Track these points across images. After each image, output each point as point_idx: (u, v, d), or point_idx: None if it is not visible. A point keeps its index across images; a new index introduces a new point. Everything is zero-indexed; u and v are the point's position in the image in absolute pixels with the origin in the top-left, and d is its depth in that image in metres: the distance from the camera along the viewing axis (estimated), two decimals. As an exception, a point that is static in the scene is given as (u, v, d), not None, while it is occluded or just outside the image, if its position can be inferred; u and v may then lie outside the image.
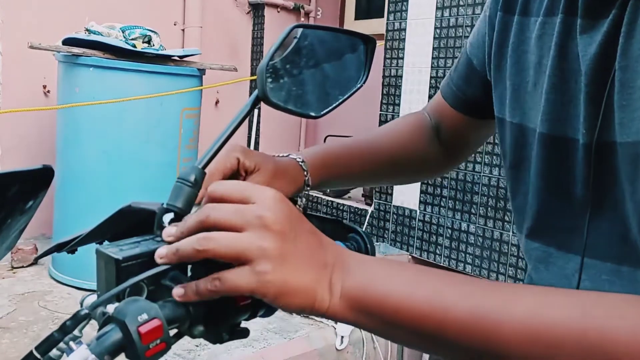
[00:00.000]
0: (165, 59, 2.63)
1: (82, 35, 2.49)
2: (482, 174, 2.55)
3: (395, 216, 2.93)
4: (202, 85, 2.76)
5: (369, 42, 0.68)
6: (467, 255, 2.60)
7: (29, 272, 2.71)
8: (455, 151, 0.90)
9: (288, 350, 2.23)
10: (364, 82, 0.68)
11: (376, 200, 3.03)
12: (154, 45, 2.59)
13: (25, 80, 2.97)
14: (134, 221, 0.55)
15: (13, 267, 2.70)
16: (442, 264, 2.71)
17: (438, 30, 2.72)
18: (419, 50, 2.81)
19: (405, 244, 2.88)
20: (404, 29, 2.88)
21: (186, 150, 2.69)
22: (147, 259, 0.50)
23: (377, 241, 3.00)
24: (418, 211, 2.82)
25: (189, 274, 0.51)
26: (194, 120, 2.75)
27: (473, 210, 2.59)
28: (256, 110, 3.89)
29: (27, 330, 2.15)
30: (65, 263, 2.57)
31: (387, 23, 2.96)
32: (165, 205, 0.54)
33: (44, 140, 2.98)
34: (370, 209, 3.07)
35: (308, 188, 0.74)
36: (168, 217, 0.53)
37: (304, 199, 0.73)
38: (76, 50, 2.40)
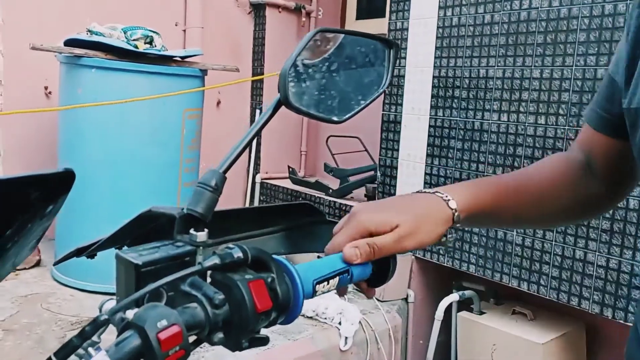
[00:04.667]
0: (167, 59, 2.62)
1: (84, 36, 2.48)
2: (485, 173, 2.54)
3: (398, 216, 2.92)
4: (203, 86, 2.76)
5: (391, 46, 0.67)
6: (471, 255, 2.59)
7: (31, 274, 2.71)
8: (613, 184, 0.83)
9: (292, 351, 2.22)
10: (386, 87, 0.68)
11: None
12: (155, 45, 2.58)
13: (27, 81, 2.96)
14: (153, 226, 0.55)
15: (15, 269, 2.69)
16: (445, 264, 2.70)
17: (441, 30, 2.71)
18: (421, 50, 2.80)
19: (409, 244, 2.87)
20: (406, 29, 2.86)
21: (188, 151, 2.68)
22: (166, 264, 0.49)
23: (380, 241, 2.99)
24: (421, 211, 2.81)
25: (209, 280, 0.51)
26: (196, 121, 2.74)
27: (477, 210, 2.58)
28: (258, 111, 3.88)
29: (30, 333, 2.14)
30: (67, 265, 2.56)
31: (389, 23, 2.95)
32: (185, 210, 0.54)
33: (46, 142, 2.97)
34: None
35: (458, 225, 0.69)
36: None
37: (453, 233, 0.70)
38: (78, 51, 2.40)
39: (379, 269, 0.66)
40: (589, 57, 2.19)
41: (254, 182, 3.89)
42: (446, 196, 0.69)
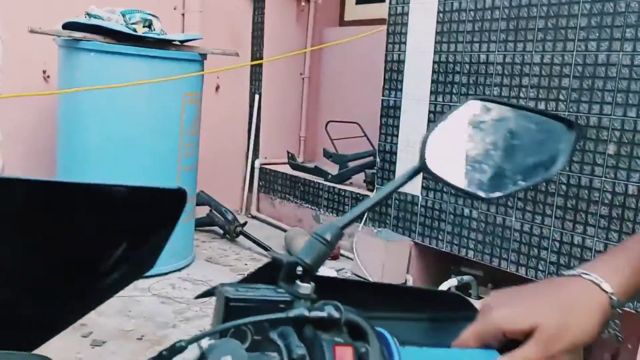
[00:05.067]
0: (166, 43, 2.60)
1: (83, 19, 2.47)
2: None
3: (397, 202, 2.93)
4: (203, 70, 2.75)
5: (572, 127, 0.59)
6: (470, 240, 2.60)
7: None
8: None
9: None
10: (559, 170, 0.61)
11: (378, 186, 3.03)
12: (154, 29, 2.57)
13: (25, 65, 2.95)
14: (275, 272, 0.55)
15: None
16: (444, 250, 2.71)
17: (441, 15, 2.69)
18: (421, 35, 2.79)
19: (408, 229, 2.88)
20: (407, 14, 2.85)
21: (188, 136, 2.68)
22: (259, 305, 0.49)
23: (379, 227, 3.00)
24: (420, 197, 2.82)
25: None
26: (196, 106, 2.73)
27: (476, 196, 2.59)
28: (257, 96, 3.87)
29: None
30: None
31: (389, 7, 2.93)
32: (298, 259, 0.53)
33: (45, 127, 2.96)
34: (372, 195, 3.06)
35: (619, 311, 0.57)
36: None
37: (613, 325, 0.61)
38: (77, 34, 2.38)
39: None
40: (590, 43, 2.19)
41: (253, 168, 3.89)
42: (597, 278, 0.56)
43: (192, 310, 2.35)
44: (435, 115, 2.73)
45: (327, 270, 2.79)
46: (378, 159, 3.02)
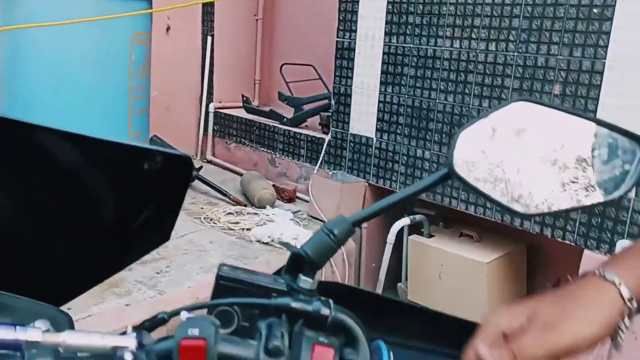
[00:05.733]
0: (111, -20, 2.49)
1: (19, -48, 2.33)
2: (437, 100, 2.58)
3: (352, 144, 2.96)
4: (152, 9, 2.65)
5: None
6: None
7: None
8: None
9: (248, 275, 2.27)
10: (623, 194, 0.51)
11: (333, 129, 3.04)
12: (98, -35, 2.45)
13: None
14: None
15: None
16: (397, 190, 2.77)
17: (396, -47, 2.66)
18: (376, -26, 2.75)
19: (362, 171, 2.92)
20: (361, -48, 2.80)
21: (138, 79, 2.61)
22: (250, 289, 0.48)
23: (334, 169, 3.03)
24: (374, 139, 2.85)
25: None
26: (145, 47, 2.65)
27: (428, 137, 2.64)
28: (209, 38, 3.77)
29: None
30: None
31: (343, -55, 2.87)
32: (301, 250, 0.51)
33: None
34: (327, 138, 3.08)
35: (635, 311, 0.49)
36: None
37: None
38: (13, -31, 2.25)
39: None
40: (541, -17, 2.21)
41: (207, 112, 3.83)
42: (609, 273, 0.50)
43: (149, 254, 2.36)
44: (390, 57, 2.74)
45: (282, 212, 2.83)
46: (333, 102, 3.02)
